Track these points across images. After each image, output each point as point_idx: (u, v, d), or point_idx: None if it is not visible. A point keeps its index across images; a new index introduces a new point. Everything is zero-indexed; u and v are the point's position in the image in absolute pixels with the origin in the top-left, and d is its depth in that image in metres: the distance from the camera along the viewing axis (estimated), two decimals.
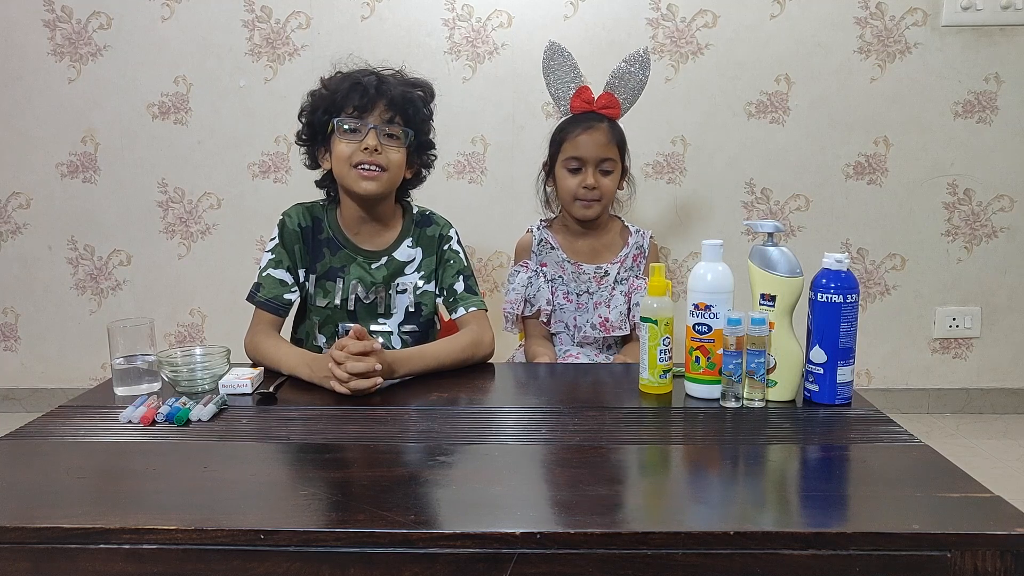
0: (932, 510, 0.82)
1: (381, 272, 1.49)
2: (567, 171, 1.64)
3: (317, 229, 1.50)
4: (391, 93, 1.42)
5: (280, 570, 0.78)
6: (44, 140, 2.60)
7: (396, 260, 1.50)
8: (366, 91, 1.41)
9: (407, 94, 1.45)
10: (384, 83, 1.43)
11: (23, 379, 2.77)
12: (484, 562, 0.77)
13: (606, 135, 1.62)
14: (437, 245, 1.53)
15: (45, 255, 2.68)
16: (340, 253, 1.49)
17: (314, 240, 1.49)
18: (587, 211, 1.64)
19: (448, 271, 1.52)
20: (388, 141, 1.42)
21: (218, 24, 2.51)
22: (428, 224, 1.54)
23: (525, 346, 1.70)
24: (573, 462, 0.96)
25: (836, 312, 1.13)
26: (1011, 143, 2.52)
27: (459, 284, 1.51)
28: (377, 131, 1.41)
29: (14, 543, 0.80)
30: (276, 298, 1.46)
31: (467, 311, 1.48)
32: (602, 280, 1.66)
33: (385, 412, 1.16)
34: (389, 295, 1.49)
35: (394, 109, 1.42)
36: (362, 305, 1.49)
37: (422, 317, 1.52)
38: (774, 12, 2.46)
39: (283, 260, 1.47)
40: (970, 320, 2.63)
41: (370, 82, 1.42)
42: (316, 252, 1.49)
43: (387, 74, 1.46)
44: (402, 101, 1.43)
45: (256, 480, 0.93)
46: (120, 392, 1.25)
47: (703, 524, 0.80)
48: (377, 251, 1.50)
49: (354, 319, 1.49)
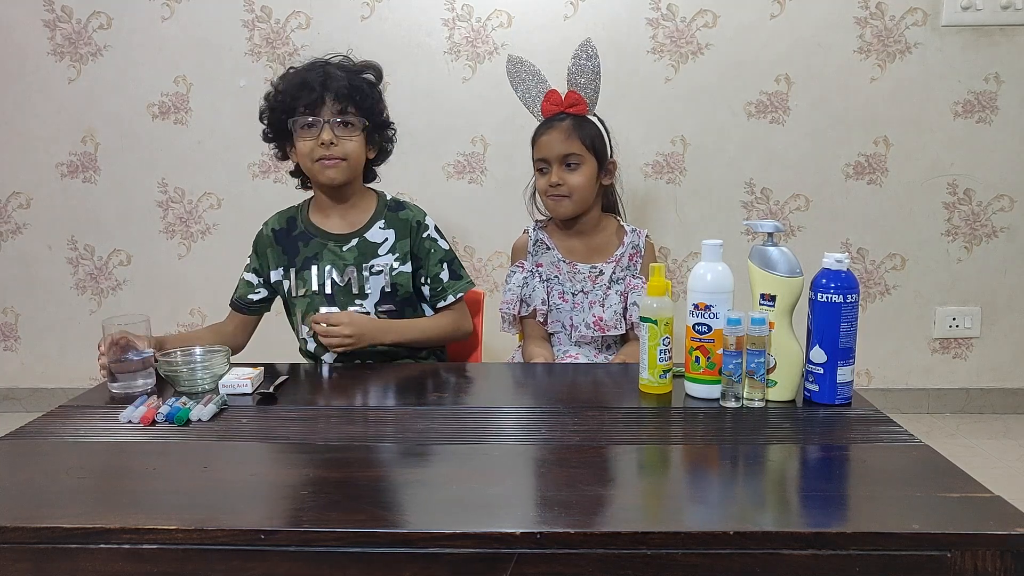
0: (932, 510, 0.82)
1: (352, 253, 1.54)
2: (538, 172, 1.68)
3: (291, 228, 1.58)
4: (338, 85, 1.47)
5: (280, 570, 0.78)
6: (44, 140, 2.60)
7: (367, 241, 1.55)
8: (313, 88, 1.46)
9: (354, 82, 1.49)
10: (330, 77, 1.47)
11: (23, 379, 2.77)
12: (484, 562, 0.77)
13: (565, 132, 1.62)
14: (414, 232, 1.57)
15: (45, 255, 2.68)
16: (312, 242, 1.56)
17: (288, 238, 1.58)
18: (558, 208, 1.65)
19: (431, 260, 1.58)
20: (343, 131, 1.48)
21: (218, 24, 2.51)
22: (401, 208, 1.60)
23: (523, 347, 1.70)
24: (573, 462, 0.96)
25: (836, 312, 1.13)
26: (1011, 143, 2.52)
27: (444, 272, 1.58)
28: (331, 124, 1.47)
29: (14, 543, 0.80)
30: (241, 298, 1.61)
31: (455, 298, 1.58)
32: (597, 279, 1.66)
33: (385, 412, 1.16)
34: (362, 275, 1.53)
35: (343, 100, 1.47)
36: (338, 288, 1.53)
37: (398, 297, 1.55)
38: (774, 12, 2.46)
39: (252, 264, 1.61)
40: (970, 320, 2.63)
41: (316, 78, 1.46)
42: (292, 249, 1.57)
43: (334, 65, 1.50)
44: (350, 91, 1.48)
45: (256, 480, 0.93)
46: (114, 389, 1.25)
47: (703, 524, 0.80)
48: (347, 233, 1.56)
49: (332, 302, 1.53)
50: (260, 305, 1.63)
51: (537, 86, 1.69)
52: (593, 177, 1.64)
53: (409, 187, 2.59)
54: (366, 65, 1.55)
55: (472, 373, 1.48)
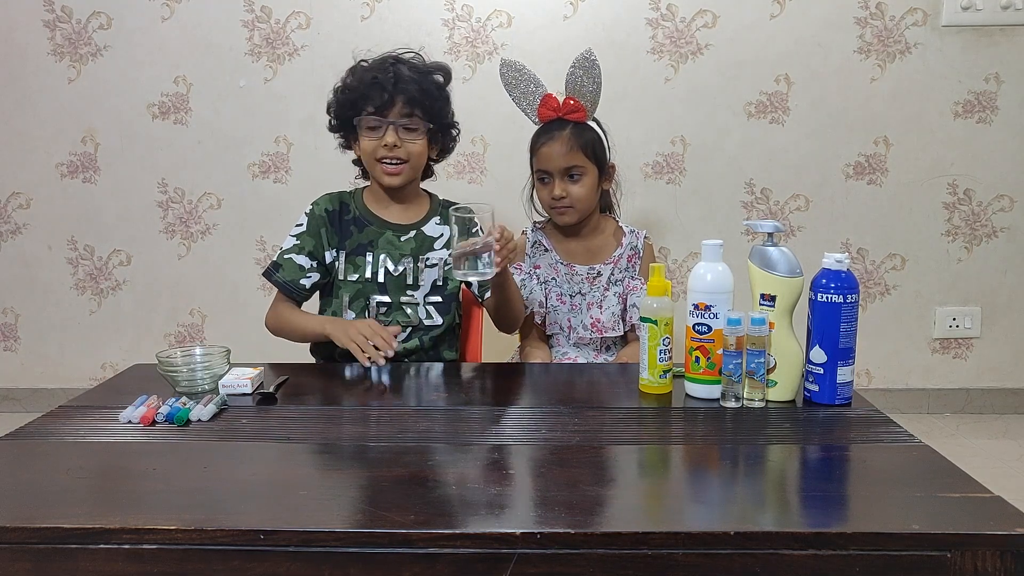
0: (932, 510, 0.82)
1: (409, 244, 1.56)
2: (539, 182, 1.67)
3: (344, 211, 1.58)
4: (408, 89, 1.48)
5: (280, 570, 0.78)
6: (44, 140, 2.60)
7: (424, 234, 1.58)
8: (384, 89, 1.47)
9: (424, 87, 1.50)
10: (400, 79, 1.48)
11: (23, 379, 2.77)
12: (484, 562, 0.77)
13: (567, 143, 1.60)
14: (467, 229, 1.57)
15: (45, 255, 2.68)
16: (368, 229, 1.56)
17: (341, 221, 1.57)
18: (563, 217, 1.65)
19: None
20: (407, 135, 1.50)
21: (218, 24, 2.51)
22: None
23: (521, 348, 1.70)
24: (573, 462, 0.96)
25: (836, 312, 1.13)
26: (1011, 143, 2.52)
27: None
28: (396, 127, 1.48)
29: (14, 543, 0.80)
30: (293, 282, 1.54)
31: None
32: (595, 281, 1.66)
33: (385, 412, 1.16)
34: (417, 267, 1.55)
35: (412, 104, 1.49)
36: (391, 278, 1.54)
37: (447, 291, 1.58)
38: (774, 12, 2.46)
39: (305, 246, 1.55)
40: (970, 320, 2.63)
41: (387, 80, 1.47)
42: (344, 231, 1.57)
43: (405, 65, 1.51)
44: (420, 95, 1.49)
45: (256, 480, 0.93)
46: (459, 276, 1.32)
47: (703, 524, 0.80)
48: (406, 224, 1.57)
49: (384, 291, 1.54)
50: (311, 292, 1.59)
51: (533, 90, 1.67)
52: (595, 186, 1.63)
53: None
54: (436, 67, 1.55)
55: (472, 373, 1.48)
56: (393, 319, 1.54)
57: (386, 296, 1.54)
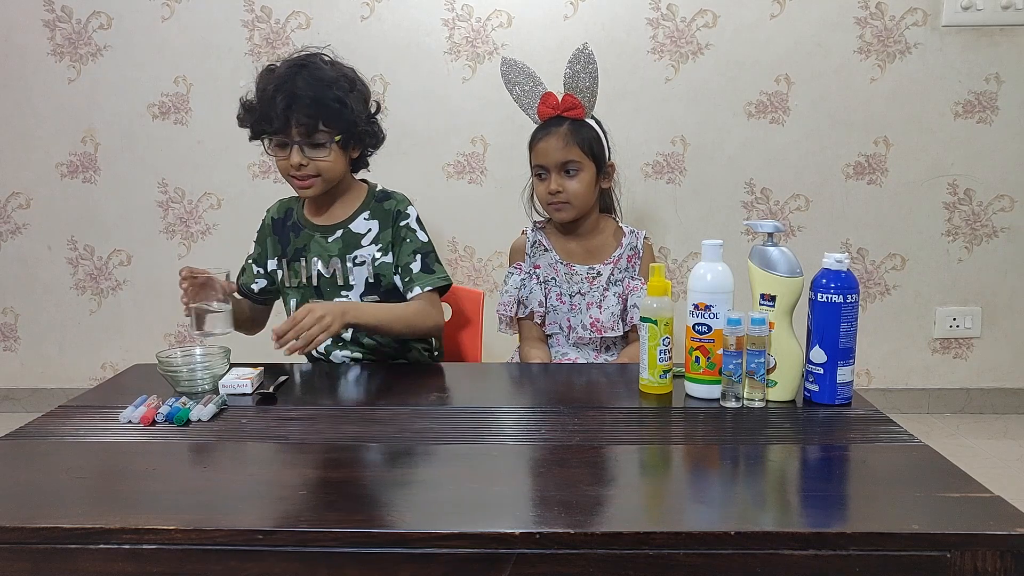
0: (932, 510, 0.82)
1: (337, 244, 1.53)
2: (536, 178, 1.67)
3: (287, 217, 1.60)
4: (304, 108, 1.40)
5: (278, 570, 0.78)
6: (44, 140, 2.60)
7: (351, 232, 1.54)
8: (276, 116, 1.40)
9: (322, 99, 1.41)
10: (295, 99, 1.39)
11: (23, 379, 2.77)
12: (483, 562, 0.77)
13: (563, 138, 1.60)
14: (393, 220, 1.55)
15: (45, 255, 2.68)
16: (302, 234, 1.56)
17: (284, 228, 1.59)
18: (559, 213, 1.64)
19: (404, 250, 1.53)
20: (314, 151, 1.44)
21: (218, 24, 2.51)
22: (386, 199, 1.57)
23: (520, 348, 1.70)
24: (573, 462, 0.96)
25: (836, 312, 1.13)
26: (1011, 143, 2.52)
27: (415, 263, 1.52)
28: (300, 146, 1.43)
29: (14, 543, 0.80)
30: (245, 284, 1.63)
31: (423, 290, 1.50)
32: (594, 281, 1.66)
33: (384, 412, 1.16)
34: (346, 267, 1.53)
35: (312, 120, 1.41)
36: (324, 279, 1.54)
37: (382, 288, 1.54)
38: (774, 12, 2.46)
39: (255, 252, 1.63)
40: (970, 320, 2.63)
41: (279, 104, 1.39)
42: (285, 238, 1.58)
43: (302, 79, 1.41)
44: (317, 110, 1.41)
45: (255, 480, 0.93)
46: (200, 335, 1.35)
47: (704, 524, 0.80)
48: (332, 224, 1.55)
49: (319, 294, 1.54)
50: (263, 296, 1.64)
51: (533, 88, 1.68)
52: (592, 182, 1.63)
53: (409, 187, 2.57)
54: (339, 75, 1.46)
55: (472, 373, 1.48)
56: None
57: (322, 299, 1.52)
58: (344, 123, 1.45)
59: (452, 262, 2.64)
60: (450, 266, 2.64)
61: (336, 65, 1.49)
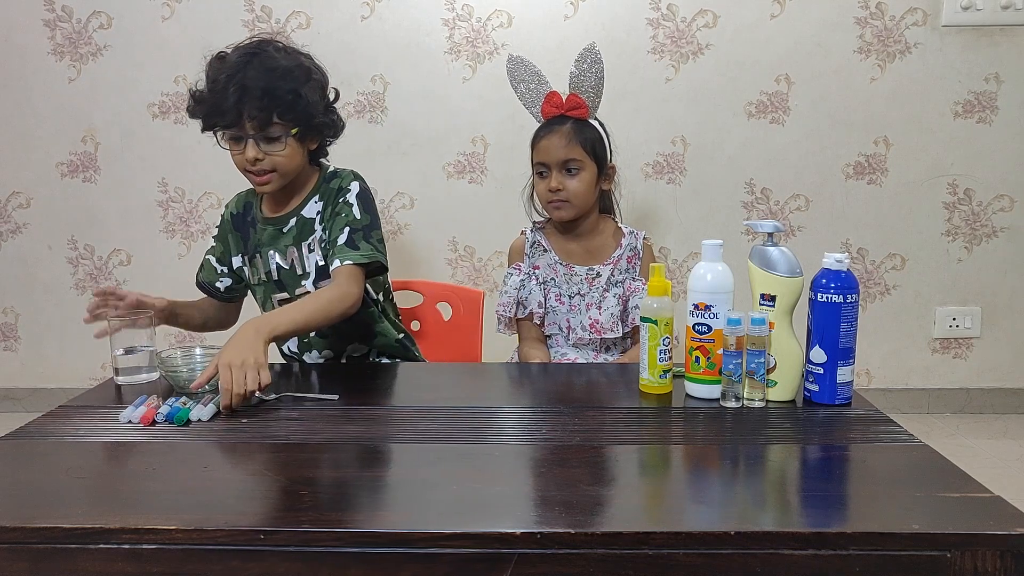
0: (932, 510, 0.82)
1: (292, 234, 1.49)
2: (537, 176, 1.67)
3: (246, 212, 1.56)
4: (256, 101, 1.33)
5: (279, 570, 0.78)
6: (44, 140, 2.60)
7: (304, 218, 1.48)
8: (227, 111, 1.33)
9: (277, 92, 1.34)
10: (246, 92, 1.32)
11: (23, 379, 2.77)
12: (484, 562, 0.77)
13: (566, 136, 1.61)
14: (334, 197, 1.47)
15: (45, 255, 2.68)
16: (258, 229, 1.52)
17: (244, 224, 1.55)
18: (559, 212, 1.64)
19: (336, 224, 1.43)
20: (269, 145, 1.38)
21: (218, 24, 2.51)
22: (333, 177, 1.50)
23: (519, 349, 1.70)
24: (573, 462, 0.96)
25: (836, 312, 1.13)
26: (1011, 143, 2.52)
27: (342, 236, 1.41)
28: (256, 139, 1.37)
29: (14, 543, 0.80)
30: (209, 283, 1.59)
31: (342, 264, 1.39)
32: (594, 281, 1.66)
33: (384, 412, 1.16)
34: (303, 255, 1.48)
35: (265, 113, 1.35)
36: (284, 272, 1.50)
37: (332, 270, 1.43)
38: (774, 12, 2.46)
39: (216, 251, 1.58)
40: (970, 320, 2.63)
41: (230, 98, 1.32)
42: (246, 234, 1.54)
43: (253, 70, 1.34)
44: (270, 103, 1.34)
45: (255, 480, 0.93)
46: (120, 381, 1.29)
47: (704, 524, 0.80)
48: (286, 214, 1.49)
49: (281, 288, 1.50)
50: (230, 295, 1.61)
51: (538, 87, 1.68)
52: (593, 182, 1.63)
53: (409, 187, 2.60)
54: (293, 66, 1.38)
55: (472, 373, 1.48)
56: None
57: (285, 292, 1.50)
58: (300, 116, 1.38)
59: (452, 262, 2.64)
60: (450, 266, 2.65)
61: (291, 53, 1.41)
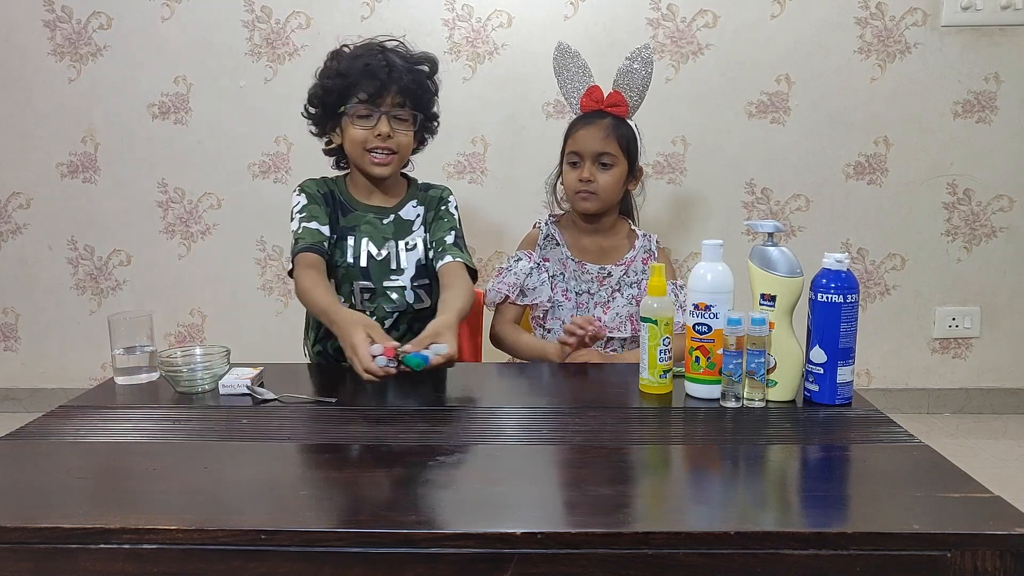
0: (932, 510, 0.82)
1: (390, 228, 1.55)
2: (568, 165, 1.67)
3: (332, 196, 1.57)
4: (402, 80, 1.45)
5: (281, 570, 0.78)
6: (44, 140, 2.60)
7: (401, 218, 1.57)
8: (377, 78, 1.44)
9: (416, 77, 1.48)
10: (393, 68, 1.45)
11: (23, 379, 2.77)
12: (486, 562, 0.77)
13: (604, 130, 1.62)
14: (436, 204, 1.60)
15: (45, 255, 2.68)
16: (351, 215, 1.55)
17: (333, 204, 1.56)
18: (585, 203, 1.64)
19: (441, 226, 1.57)
20: (399, 125, 1.48)
21: (218, 24, 2.51)
22: (430, 188, 1.64)
23: (498, 329, 1.66)
24: (574, 462, 0.96)
25: (836, 312, 1.13)
26: (1011, 143, 2.52)
27: (449, 237, 1.55)
28: (389, 117, 1.46)
29: (14, 543, 0.80)
30: (317, 243, 1.46)
31: (454, 259, 1.50)
32: (604, 281, 1.66)
33: (385, 412, 1.16)
34: (399, 252, 1.54)
35: (404, 94, 1.47)
36: (374, 262, 1.52)
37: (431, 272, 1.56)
38: (774, 12, 2.46)
39: (316, 214, 1.50)
40: (970, 320, 2.63)
41: (381, 68, 1.44)
42: (334, 215, 1.55)
43: (395, 55, 1.48)
44: (412, 86, 1.47)
45: (257, 480, 0.93)
46: (120, 381, 1.30)
47: (704, 524, 0.80)
48: (386, 208, 1.56)
49: (367, 276, 1.52)
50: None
51: (581, 80, 1.70)
52: (622, 179, 1.65)
53: None
54: (424, 57, 1.52)
55: (472, 373, 1.48)
56: (378, 305, 1.51)
57: (369, 282, 1.52)
58: (427, 105, 1.53)
59: None
60: None
61: (421, 52, 1.53)
